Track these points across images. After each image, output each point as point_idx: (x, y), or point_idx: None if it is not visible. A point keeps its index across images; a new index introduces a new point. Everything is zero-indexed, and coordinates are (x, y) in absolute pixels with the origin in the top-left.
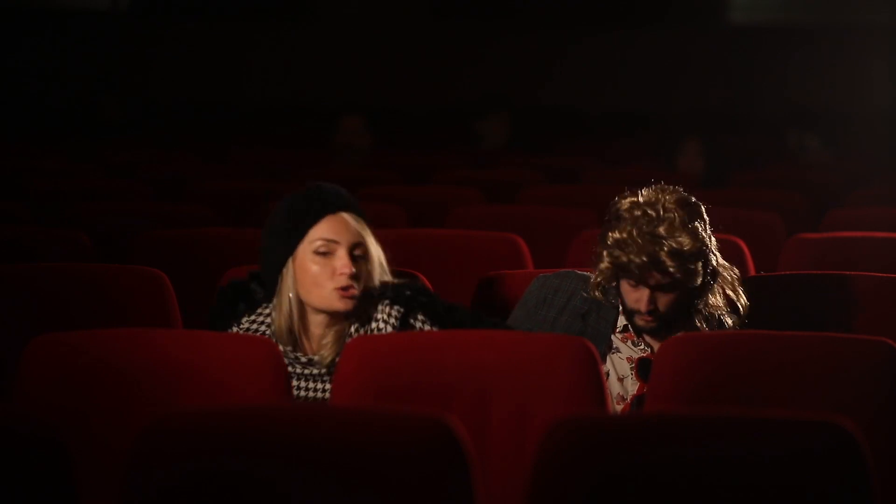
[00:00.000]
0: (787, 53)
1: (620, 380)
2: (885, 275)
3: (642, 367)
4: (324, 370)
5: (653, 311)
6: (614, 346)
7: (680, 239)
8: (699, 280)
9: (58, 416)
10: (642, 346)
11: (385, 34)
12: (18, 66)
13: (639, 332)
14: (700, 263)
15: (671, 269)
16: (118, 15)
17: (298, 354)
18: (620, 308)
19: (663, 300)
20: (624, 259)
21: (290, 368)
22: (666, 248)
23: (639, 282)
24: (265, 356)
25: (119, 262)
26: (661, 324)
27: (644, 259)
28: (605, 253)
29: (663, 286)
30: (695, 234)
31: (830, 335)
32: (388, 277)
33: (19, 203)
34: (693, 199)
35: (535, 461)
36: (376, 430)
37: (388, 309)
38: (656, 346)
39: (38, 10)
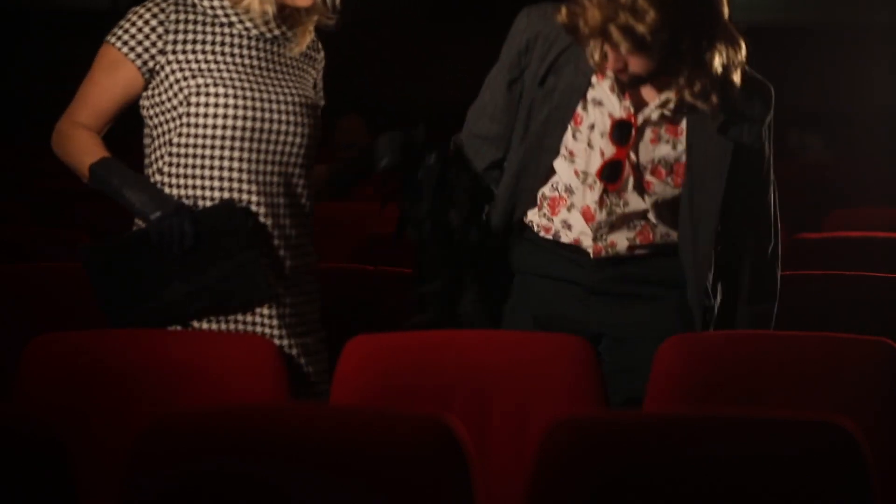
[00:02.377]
0: (787, 53)
1: (602, 135)
2: (885, 275)
3: (618, 130)
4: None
5: (622, 70)
6: (598, 99)
7: (642, 7)
8: (682, 45)
9: (58, 416)
10: (626, 105)
11: (384, 35)
12: (18, 66)
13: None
14: (672, 31)
15: (632, 40)
16: (118, 15)
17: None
18: None
19: (635, 62)
20: (575, 23)
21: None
22: (621, 20)
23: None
24: (265, 356)
25: None
26: (639, 79)
27: (597, 27)
28: (563, 7)
29: (631, 48)
30: (661, 4)
31: (830, 335)
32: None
33: (19, 203)
34: None
35: (535, 461)
36: (376, 430)
37: None
38: (639, 105)
39: (38, 10)
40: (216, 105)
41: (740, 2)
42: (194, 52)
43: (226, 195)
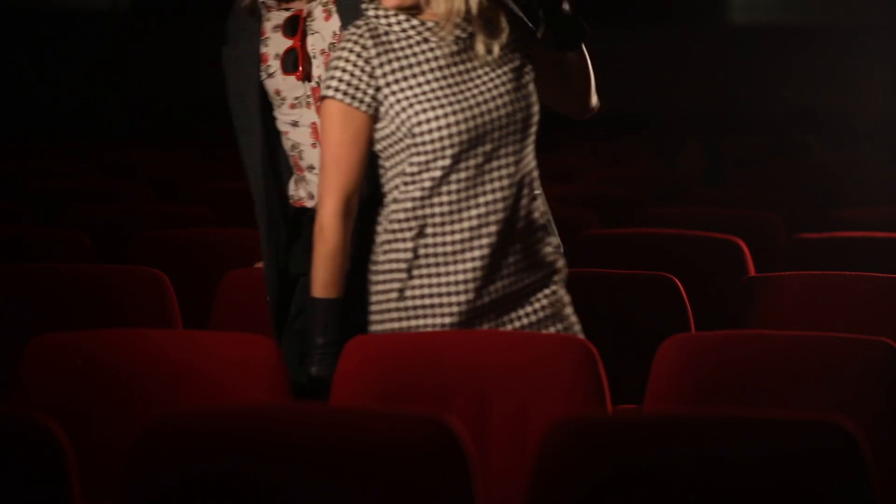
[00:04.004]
0: (788, 53)
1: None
2: (885, 275)
3: (287, 24)
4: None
5: None
6: (273, 27)
7: None
8: None
9: (57, 416)
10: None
11: None
12: (18, 66)
13: None
14: None
15: None
16: (118, 15)
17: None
18: None
19: None
20: None
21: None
22: None
23: None
24: (265, 356)
25: (119, 262)
26: None
27: None
28: None
29: None
30: None
31: (830, 335)
32: None
33: (19, 203)
34: None
35: (535, 461)
36: (376, 430)
37: None
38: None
39: (38, 10)
40: (439, 128)
41: (741, 2)
42: (405, 78)
43: (458, 206)
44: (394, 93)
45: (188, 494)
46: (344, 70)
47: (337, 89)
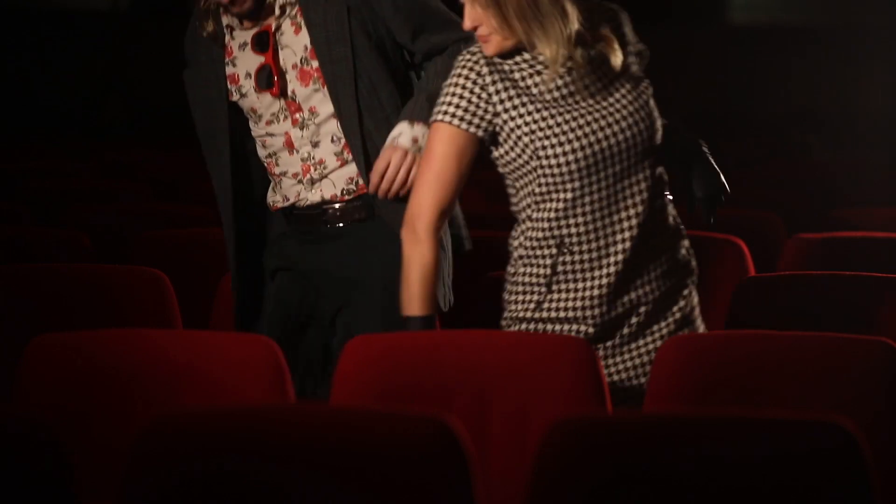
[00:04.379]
0: (788, 53)
1: (248, 75)
2: (885, 275)
3: (257, 40)
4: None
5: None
6: (240, 44)
7: None
8: None
9: (57, 416)
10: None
11: None
12: (19, 66)
13: None
14: None
15: None
16: (118, 15)
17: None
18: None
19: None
20: None
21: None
22: None
23: None
24: (265, 356)
25: (119, 262)
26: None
27: None
28: None
29: None
30: None
31: (830, 335)
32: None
33: (19, 203)
34: None
35: (535, 461)
36: (376, 430)
37: None
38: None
39: (39, 10)
40: (565, 153)
41: (741, 2)
42: (523, 104)
43: (594, 225)
44: (513, 118)
45: (188, 494)
46: (461, 97)
47: (454, 115)
